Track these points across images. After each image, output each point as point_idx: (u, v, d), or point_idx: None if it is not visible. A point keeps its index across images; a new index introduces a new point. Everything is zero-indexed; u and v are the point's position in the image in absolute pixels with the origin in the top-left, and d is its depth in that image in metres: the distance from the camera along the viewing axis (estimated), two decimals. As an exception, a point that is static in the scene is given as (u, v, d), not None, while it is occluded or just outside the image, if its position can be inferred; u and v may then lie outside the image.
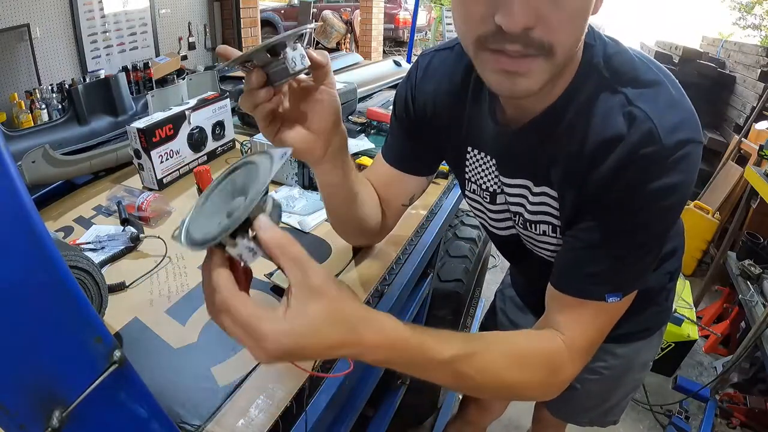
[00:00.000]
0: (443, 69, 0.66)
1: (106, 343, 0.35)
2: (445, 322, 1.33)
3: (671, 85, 0.51)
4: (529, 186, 0.61)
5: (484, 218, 0.75)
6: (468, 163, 0.69)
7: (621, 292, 0.54)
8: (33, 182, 0.96)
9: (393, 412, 1.23)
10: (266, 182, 0.39)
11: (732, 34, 9.65)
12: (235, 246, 0.38)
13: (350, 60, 2.05)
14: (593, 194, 0.52)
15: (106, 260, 0.80)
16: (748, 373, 1.90)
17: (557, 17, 0.43)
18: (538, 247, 0.67)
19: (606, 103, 0.51)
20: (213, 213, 0.41)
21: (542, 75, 0.47)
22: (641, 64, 0.52)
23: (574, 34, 0.46)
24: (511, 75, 0.47)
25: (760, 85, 3.06)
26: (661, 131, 0.47)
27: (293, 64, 0.47)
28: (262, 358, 0.39)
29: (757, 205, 2.28)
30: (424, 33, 9.90)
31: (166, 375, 0.60)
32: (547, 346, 0.54)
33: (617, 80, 0.51)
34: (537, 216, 0.62)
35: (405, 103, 0.70)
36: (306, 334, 0.39)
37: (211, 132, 1.18)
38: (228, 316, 0.39)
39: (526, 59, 0.45)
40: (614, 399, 0.97)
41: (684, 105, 0.50)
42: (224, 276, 0.39)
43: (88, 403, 0.34)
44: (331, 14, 7.43)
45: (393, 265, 0.85)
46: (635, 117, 0.48)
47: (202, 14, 4.22)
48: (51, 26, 3.04)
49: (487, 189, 0.69)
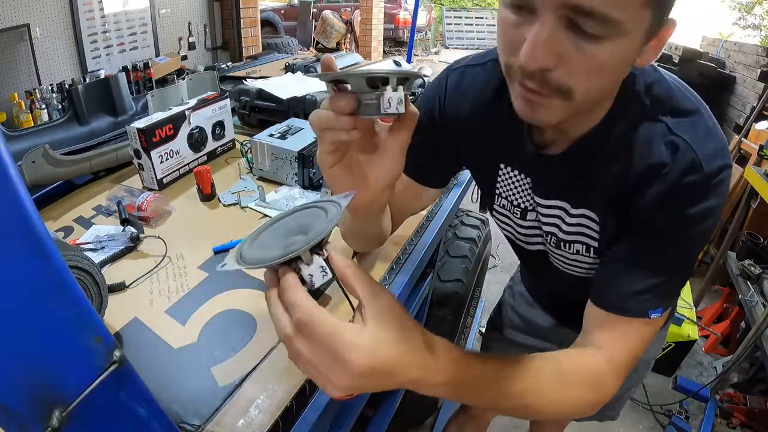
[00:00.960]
0: (475, 86, 0.65)
1: (106, 343, 0.35)
2: (445, 322, 1.33)
3: (706, 113, 0.53)
4: (566, 208, 0.62)
5: (511, 232, 0.75)
6: (500, 180, 0.69)
7: (662, 307, 0.55)
8: (33, 182, 0.96)
9: (393, 412, 1.23)
10: (335, 219, 0.40)
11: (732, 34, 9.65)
12: (310, 264, 0.38)
13: (350, 60, 2.05)
14: (638, 219, 0.53)
15: (106, 260, 0.80)
16: (748, 373, 1.90)
17: (580, 63, 0.43)
18: (568, 265, 0.68)
19: (648, 131, 0.52)
20: (267, 246, 0.42)
21: (560, 112, 0.47)
22: (678, 92, 0.53)
23: (598, 82, 0.46)
24: (531, 104, 0.48)
25: (760, 85, 3.06)
26: (703, 160, 0.49)
27: (388, 105, 0.43)
28: (343, 381, 0.38)
29: (757, 205, 2.27)
30: (424, 33, 9.91)
31: (166, 375, 0.60)
32: (588, 363, 0.55)
33: (657, 108, 0.53)
34: (572, 236, 0.63)
35: (431, 116, 0.69)
36: (389, 341, 0.38)
37: (211, 132, 1.18)
38: (307, 336, 0.37)
39: (543, 96, 0.46)
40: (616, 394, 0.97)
41: (718, 133, 0.52)
42: (302, 292, 0.38)
43: (87, 402, 0.34)
44: (331, 14, 7.43)
45: (393, 265, 0.85)
46: (677, 146, 0.50)
47: (202, 14, 4.22)
48: (51, 26, 3.04)
49: (518, 206, 0.69)
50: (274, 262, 0.38)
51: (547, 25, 0.41)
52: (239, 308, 0.71)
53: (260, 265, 0.39)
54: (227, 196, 1.03)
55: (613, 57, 0.43)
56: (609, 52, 0.42)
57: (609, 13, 0.39)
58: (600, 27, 0.40)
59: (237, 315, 0.70)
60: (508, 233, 0.76)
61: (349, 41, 7.64)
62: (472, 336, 1.94)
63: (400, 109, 0.43)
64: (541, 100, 0.46)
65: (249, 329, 0.67)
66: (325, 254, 0.40)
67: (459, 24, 11.09)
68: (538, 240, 0.71)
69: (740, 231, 2.33)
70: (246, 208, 1.00)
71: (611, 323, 0.55)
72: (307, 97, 1.34)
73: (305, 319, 0.37)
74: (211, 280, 0.77)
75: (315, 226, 0.41)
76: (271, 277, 0.40)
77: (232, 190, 1.06)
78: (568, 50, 0.42)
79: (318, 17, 7.44)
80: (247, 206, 1.00)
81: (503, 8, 0.45)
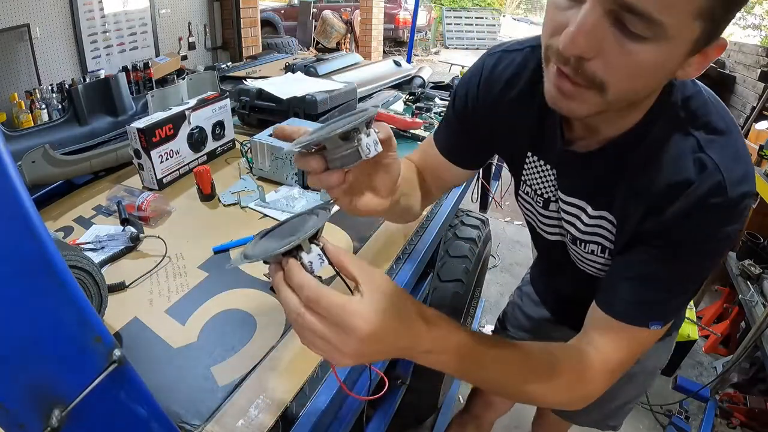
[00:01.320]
0: (511, 71, 0.65)
1: (105, 343, 0.35)
2: (445, 322, 1.33)
3: (738, 135, 0.52)
4: (585, 208, 0.62)
5: (533, 220, 0.76)
6: (526, 168, 0.70)
7: (663, 321, 0.55)
8: (33, 182, 0.96)
9: (393, 412, 1.23)
10: (326, 217, 0.47)
11: (732, 34, 9.64)
12: (309, 252, 0.43)
13: (350, 60, 2.05)
14: (655, 231, 0.53)
15: (106, 260, 0.80)
16: (748, 373, 1.90)
17: (618, 59, 0.42)
18: (583, 262, 0.68)
19: (678, 144, 0.52)
20: (267, 247, 0.47)
21: (591, 106, 0.47)
22: (714, 109, 0.53)
23: (633, 82, 0.45)
24: (562, 92, 0.47)
25: (760, 85, 3.07)
26: (728, 184, 0.49)
27: (368, 151, 0.47)
28: (351, 346, 0.41)
29: (757, 205, 2.28)
30: (424, 33, 9.91)
31: (166, 375, 0.60)
32: (581, 358, 0.56)
33: (691, 122, 0.52)
34: (588, 236, 0.63)
35: (467, 98, 0.70)
36: (385, 310, 0.42)
37: (211, 132, 1.18)
38: (316, 311, 0.41)
39: (576, 86, 0.46)
40: (618, 402, 0.97)
41: (746, 157, 0.52)
42: (307, 275, 0.42)
43: (87, 402, 0.34)
44: (331, 14, 7.43)
45: (393, 265, 0.85)
46: (705, 166, 0.50)
47: (202, 14, 4.22)
48: (51, 26, 3.04)
49: (542, 195, 0.69)
50: (278, 251, 0.42)
51: (594, 14, 0.41)
52: (239, 308, 0.71)
53: (265, 255, 0.44)
54: (227, 196, 1.03)
55: (653, 60, 0.42)
56: (650, 54, 0.42)
57: (656, 15, 0.39)
58: (645, 27, 0.40)
59: (237, 315, 0.70)
60: (530, 220, 0.77)
61: (349, 41, 7.64)
62: (472, 336, 1.94)
63: (378, 148, 0.48)
64: (573, 89, 0.46)
65: (249, 329, 0.67)
66: (321, 244, 0.44)
67: (459, 24, 11.09)
68: (557, 230, 0.71)
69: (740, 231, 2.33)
70: (246, 208, 1.00)
71: (612, 328, 0.56)
72: (307, 97, 1.34)
73: (313, 295, 0.41)
74: (211, 279, 0.77)
75: (308, 225, 0.46)
76: (276, 267, 0.44)
77: (232, 190, 1.06)
78: (609, 44, 0.42)
79: (318, 17, 7.44)
80: (247, 206, 1.00)
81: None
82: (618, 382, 0.92)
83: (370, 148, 0.47)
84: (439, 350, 0.47)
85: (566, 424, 1.13)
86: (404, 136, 1.41)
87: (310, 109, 1.33)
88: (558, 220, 0.69)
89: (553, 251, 0.75)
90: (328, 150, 0.48)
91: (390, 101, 1.78)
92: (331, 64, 1.89)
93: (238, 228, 0.92)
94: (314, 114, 1.34)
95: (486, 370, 0.51)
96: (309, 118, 1.32)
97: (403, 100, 1.75)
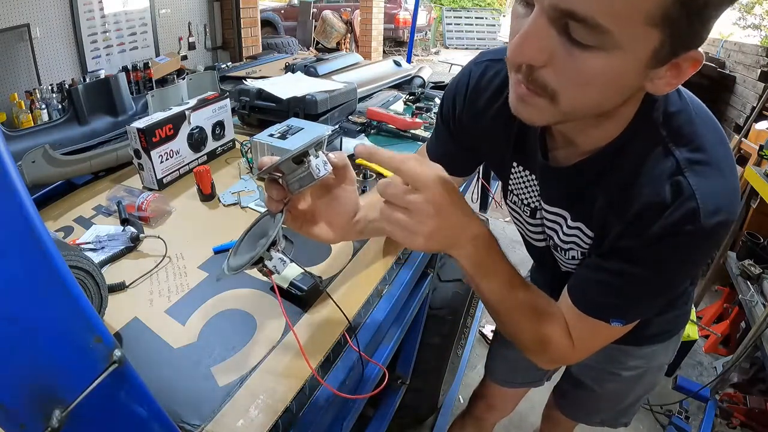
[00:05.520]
0: (497, 82, 0.65)
1: (105, 343, 0.35)
2: (445, 322, 1.33)
3: (723, 156, 0.50)
4: (565, 217, 0.63)
5: (522, 228, 0.77)
6: (512, 177, 0.70)
7: (625, 320, 0.57)
8: (33, 182, 0.96)
9: (393, 412, 1.23)
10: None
11: (732, 34, 9.64)
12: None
13: (350, 60, 2.05)
14: (627, 246, 0.53)
15: (106, 260, 0.80)
16: (748, 373, 1.90)
17: (567, 67, 0.41)
18: (565, 265, 0.70)
19: (657, 163, 0.50)
20: (245, 251, 0.57)
21: (546, 115, 0.47)
22: (699, 128, 0.51)
23: (586, 92, 0.44)
24: (519, 98, 0.47)
25: (760, 85, 3.07)
26: (703, 213, 0.47)
27: (317, 170, 0.53)
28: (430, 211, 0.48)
29: (757, 205, 2.28)
30: (424, 33, 9.91)
31: (166, 375, 0.60)
32: (559, 315, 0.60)
33: (673, 141, 0.50)
34: (568, 244, 0.65)
35: (454, 108, 0.70)
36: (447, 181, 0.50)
37: (211, 132, 1.18)
38: (392, 184, 0.49)
39: (531, 92, 0.45)
40: (629, 400, 0.99)
41: (729, 183, 0.50)
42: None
43: (87, 402, 0.34)
44: (331, 14, 7.43)
45: (393, 265, 0.85)
46: (682, 191, 0.48)
47: (202, 14, 4.22)
48: (51, 26, 3.04)
49: (528, 204, 0.70)
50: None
51: (539, 22, 0.40)
52: (239, 308, 0.71)
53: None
54: (227, 196, 1.03)
55: (603, 70, 0.41)
56: (598, 63, 0.40)
57: (600, 22, 0.37)
58: (589, 35, 0.39)
59: (237, 315, 0.70)
60: (519, 227, 0.78)
61: (349, 41, 7.64)
62: (472, 336, 1.94)
63: (327, 168, 0.54)
64: (528, 94, 0.46)
65: (249, 329, 0.67)
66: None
67: (459, 24, 11.09)
68: (542, 237, 0.72)
69: (740, 231, 2.33)
70: (246, 208, 1.00)
71: (576, 314, 0.59)
72: (307, 97, 1.34)
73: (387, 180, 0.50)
74: (211, 279, 0.77)
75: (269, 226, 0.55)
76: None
77: (232, 190, 1.06)
78: (559, 52, 0.41)
79: (318, 17, 7.44)
80: (247, 206, 1.00)
81: (516, 1, 0.46)
82: (628, 385, 0.93)
83: (320, 167, 0.53)
84: (483, 236, 0.53)
85: (573, 423, 1.13)
86: (404, 136, 1.41)
87: (310, 109, 1.33)
88: (542, 227, 0.70)
89: (543, 257, 0.76)
90: (286, 175, 0.54)
91: (390, 101, 1.78)
92: (331, 64, 1.89)
93: (238, 228, 0.92)
94: (314, 114, 1.34)
95: (498, 276, 0.56)
96: (309, 118, 1.32)
97: (403, 100, 1.75)
